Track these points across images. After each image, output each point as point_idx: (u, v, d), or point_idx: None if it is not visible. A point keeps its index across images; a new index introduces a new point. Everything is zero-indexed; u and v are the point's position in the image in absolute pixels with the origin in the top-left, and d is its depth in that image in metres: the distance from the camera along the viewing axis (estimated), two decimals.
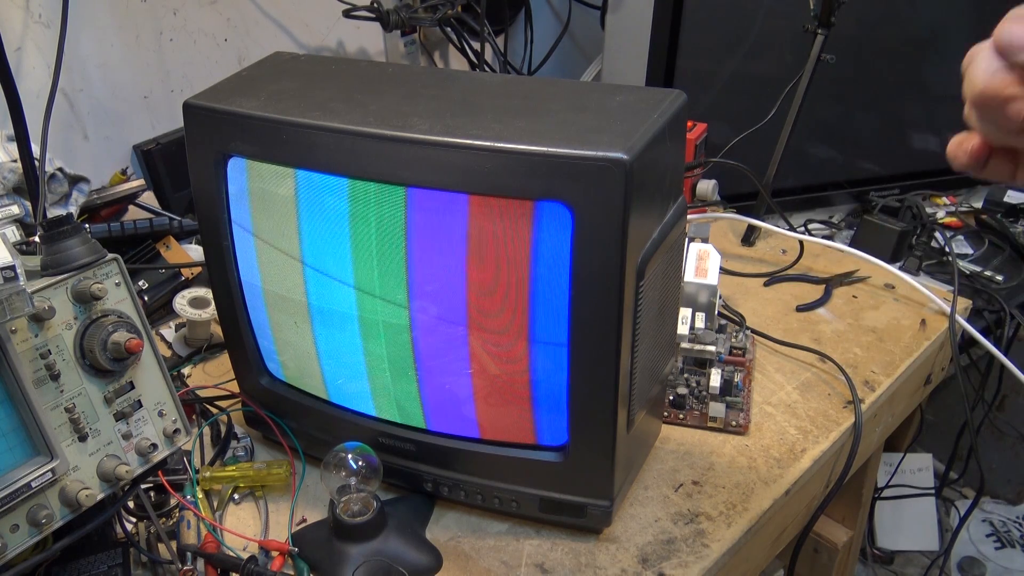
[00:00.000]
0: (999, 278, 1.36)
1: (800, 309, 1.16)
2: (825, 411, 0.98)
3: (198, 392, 0.99)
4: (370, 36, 1.63)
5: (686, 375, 0.99)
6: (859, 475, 1.31)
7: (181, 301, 1.05)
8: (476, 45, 1.65)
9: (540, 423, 0.78)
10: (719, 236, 1.33)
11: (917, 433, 1.68)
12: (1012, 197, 1.49)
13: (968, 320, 1.15)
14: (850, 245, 1.32)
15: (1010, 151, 0.48)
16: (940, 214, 1.51)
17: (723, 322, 1.08)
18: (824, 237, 1.41)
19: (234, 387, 0.95)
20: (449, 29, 1.65)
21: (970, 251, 1.43)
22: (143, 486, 0.81)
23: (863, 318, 1.14)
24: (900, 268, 1.25)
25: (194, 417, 0.97)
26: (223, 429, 0.95)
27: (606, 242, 0.66)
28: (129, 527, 0.80)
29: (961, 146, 0.49)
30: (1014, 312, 1.29)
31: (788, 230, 1.32)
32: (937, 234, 1.42)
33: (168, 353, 1.08)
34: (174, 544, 0.81)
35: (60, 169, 1.11)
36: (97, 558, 0.77)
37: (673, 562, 0.80)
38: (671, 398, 0.97)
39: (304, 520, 0.85)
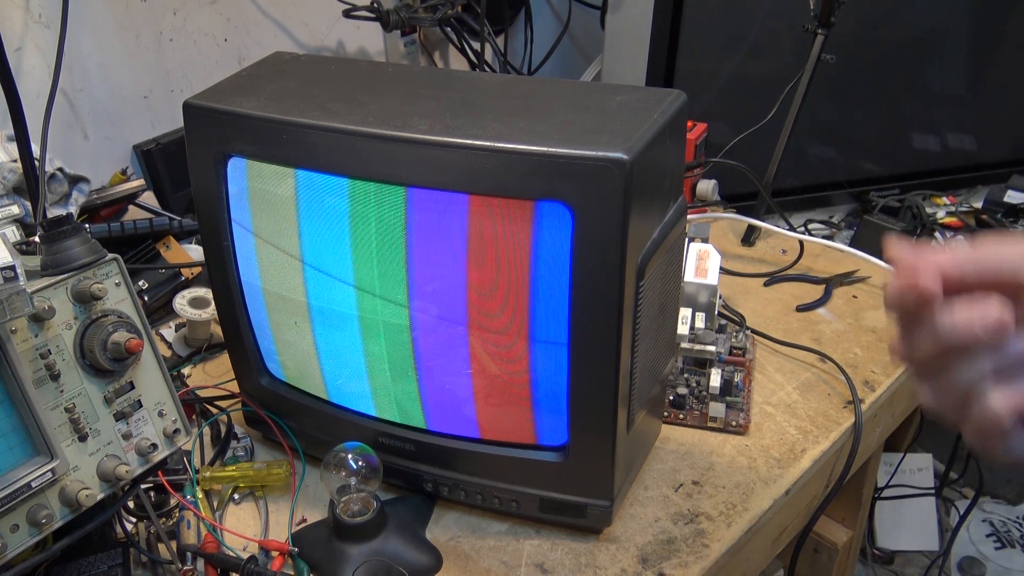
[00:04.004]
0: None
1: (800, 309, 1.16)
2: (825, 411, 0.98)
3: (198, 392, 0.99)
4: (370, 36, 1.63)
5: (686, 375, 0.99)
6: (859, 475, 1.30)
7: (181, 301, 1.05)
8: (476, 45, 1.65)
9: (540, 423, 0.78)
10: (719, 236, 1.33)
11: (917, 433, 1.68)
12: (1012, 197, 1.49)
13: None
14: (850, 245, 1.31)
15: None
16: (940, 214, 1.51)
17: (723, 322, 1.08)
18: (824, 237, 1.41)
19: (234, 387, 0.95)
20: (449, 29, 1.65)
21: None
22: (143, 486, 0.81)
23: (863, 318, 1.14)
24: None
25: (194, 417, 0.97)
26: (223, 429, 0.95)
27: (606, 242, 0.66)
28: (129, 527, 0.80)
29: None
30: None
31: (788, 230, 1.32)
32: (937, 234, 1.42)
33: (168, 353, 1.08)
34: (174, 544, 0.81)
35: (60, 169, 1.11)
36: (97, 558, 0.77)
37: (673, 562, 0.80)
38: (671, 398, 0.97)
39: (304, 520, 0.85)
